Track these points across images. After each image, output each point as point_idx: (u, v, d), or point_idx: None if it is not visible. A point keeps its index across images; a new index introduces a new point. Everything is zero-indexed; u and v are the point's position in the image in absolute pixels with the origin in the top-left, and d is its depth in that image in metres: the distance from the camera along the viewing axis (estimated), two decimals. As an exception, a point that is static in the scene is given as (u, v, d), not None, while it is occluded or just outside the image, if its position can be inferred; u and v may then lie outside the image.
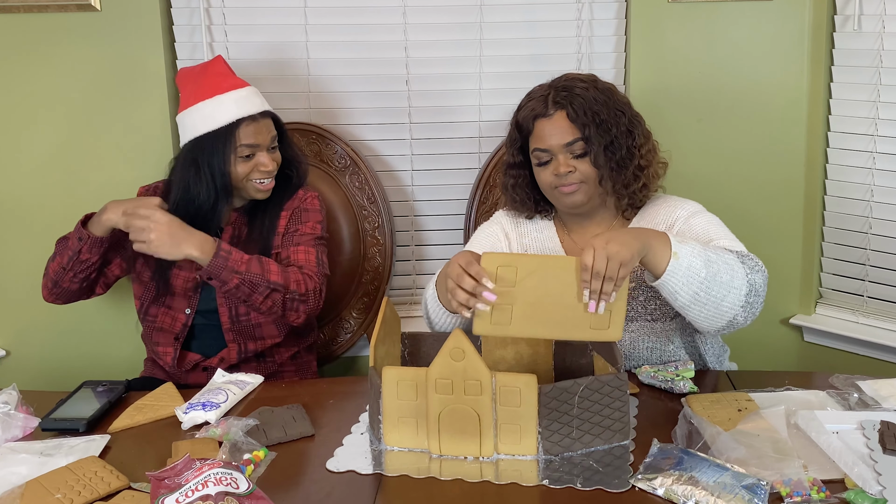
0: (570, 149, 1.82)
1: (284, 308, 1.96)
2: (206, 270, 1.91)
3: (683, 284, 1.59)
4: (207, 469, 1.33)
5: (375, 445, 1.53)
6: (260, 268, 1.93)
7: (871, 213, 2.38)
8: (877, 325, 2.42)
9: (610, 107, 1.83)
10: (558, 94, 1.83)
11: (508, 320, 1.47)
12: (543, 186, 1.89)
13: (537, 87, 1.90)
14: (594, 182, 1.84)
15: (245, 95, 2.06)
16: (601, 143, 1.81)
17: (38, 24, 2.35)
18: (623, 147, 1.83)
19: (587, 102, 1.82)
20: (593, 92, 1.84)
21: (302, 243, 2.07)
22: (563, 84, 1.86)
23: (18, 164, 2.42)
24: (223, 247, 1.92)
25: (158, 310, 2.12)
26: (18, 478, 1.43)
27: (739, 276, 1.63)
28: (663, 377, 1.73)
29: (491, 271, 1.50)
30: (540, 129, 1.85)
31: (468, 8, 2.46)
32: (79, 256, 2.01)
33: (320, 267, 2.06)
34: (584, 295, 1.50)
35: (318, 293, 2.02)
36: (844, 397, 1.64)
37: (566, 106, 1.82)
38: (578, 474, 1.41)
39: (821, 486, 1.32)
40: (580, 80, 1.87)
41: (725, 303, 1.63)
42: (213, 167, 2.01)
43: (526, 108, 1.88)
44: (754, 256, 1.72)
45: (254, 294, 1.93)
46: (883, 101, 2.32)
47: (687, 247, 1.60)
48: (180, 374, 2.10)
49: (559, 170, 1.82)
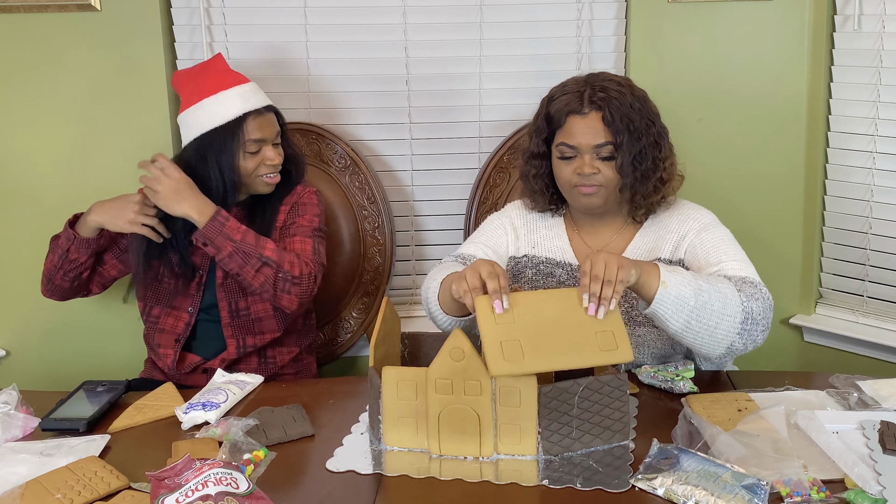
0: (599, 151, 1.80)
1: (275, 287, 1.97)
2: (202, 233, 1.94)
3: (673, 313, 1.60)
4: (207, 469, 1.32)
5: (375, 445, 1.53)
6: (255, 240, 1.96)
7: (871, 213, 2.38)
8: (877, 325, 2.42)
9: (643, 115, 1.81)
10: (595, 94, 1.80)
11: (521, 355, 1.43)
12: (562, 182, 1.86)
13: (571, 81, 1.86)
14: (614, 187, 1.82)
15: (249, 90, 2.07)
16: (631, 151, 1.78)
17: (38, 24, 2.35)
18: (649, 158, 1.81)
19: (623, 108, 1.79)
20: (630, 98, 1.81)
21: (298, 234, 2.08)
22: (600, 84, 1.82)
23: (18, 164, 2.42)
24: (222, 213, 1.96)
25: (161, 310, 2.12)
26: (18, 478, 1.43)
27: (733, 304, 1.63)
28: (663, 377, 1.73)
29: (487, 310, 1.47)
30: (571, 125, 1.81)
31: (468, 8, 2.46)
32: (67, 255, 2.05)
33: (316, 255, 2.07)
34: (584, 299, 1.50)
35: (313, 279, 2.02)
36: (844, 397, 1.64)
37: (603, 108, 1.78)
38: (578, 474, 1.41)
39: (821, 486, 1.32)
40: (617, 82, 1.83)
41: (719, 331, 1.64)
42: (221, 163, 2.02)
43: (560, 100, 1.83)
44: (758, 282, 1.72)
45: (246, 265, 1.94)
46: (883, 101, 2.32)
47: (676, 276, 1.61)
48: (180, 375, 2.10)
49: (583, 169, 1.80)
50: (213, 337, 2.11)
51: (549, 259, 1.93)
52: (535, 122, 1.91)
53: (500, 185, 2.48)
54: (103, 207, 2.01)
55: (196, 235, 1.96)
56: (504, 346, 1.43)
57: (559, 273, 1.92)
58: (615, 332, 1.48)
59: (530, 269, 1.94)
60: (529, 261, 1.95)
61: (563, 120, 1.82)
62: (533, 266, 1.94)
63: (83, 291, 2.18)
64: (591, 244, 1.92)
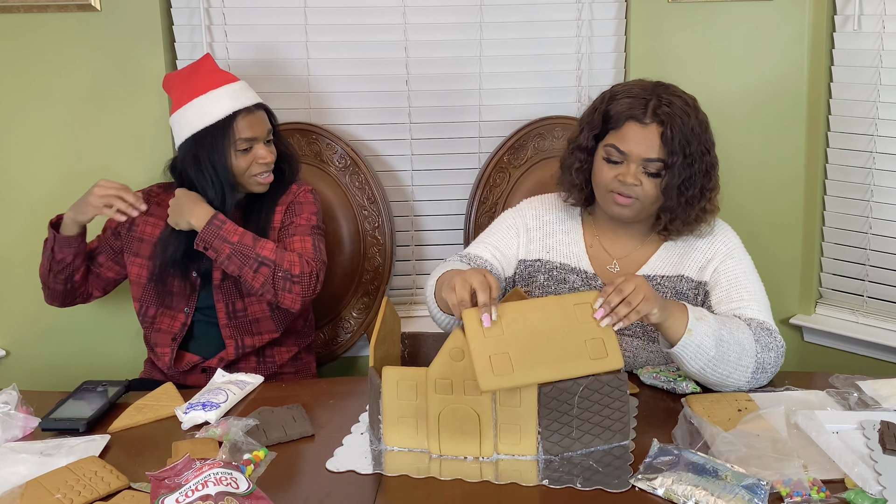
0: (647, 165, 1.75)
1: (275, 286, 1.97)
2: (200, 237, 1.97)
3: (692, 358, 1.62)
4: (207, 469, 1.33)
5: (375, 445, 1.53)
6: (253, 241, 1.97)
7: (871, 213, 2.38)
8: (877, 325, 2.42)
9: (702, 141, 1.77)
10: (661, 107, 1.74)
11: (510, 368, 1.42)
12: (599, 183, 1.81)
13: (638, 85, 1.80)
14: (651, 204, 1.79)
15: (238, 89, 2.07)
16: (681, 175, 1.75)
17: (38, 24, 2.35)
18: (697, 185, 1.77)
19: (685, 129, 1.74)
20: (693, 121, 1.76)
21: (297, 233, 2.08)
22: (668, 97, 1.76)
23: (18, 164, 2.42)
24: (219, 216, 1.98)
25: (157, 311, 2.12)
26: (18, 478, 1.43)
27: (748, 356, 1.66)
28: (665, 377, 1.73)
29: (475, 325, 1.46)
30: (627, 131, 1.76)
31: (468, 8, 2.46)
32: (53, 256, 2.07)
33: (317, 253, 2.07)
34: (598, 302, 1.50)
35: (315, 277, 2.01)
36: (844, 397, 1.64)
37: (665, 124, 1.73)
38: (578, 474, 1.41)
39: (821, 486, 1.32)
40: (685, 101, 1.78)
41: (731, 379, 1.66)
42: (214, 162, 2.02)
43: (622, 102, 1.77)
44: (774, 329, 1.73)
45: (244, 266, 1.95)
46: (883, 101, 2.32)
47: (703, 325, 1.61)
48: (179, 374, 2.10)
49: (626, 178, 1.75)
50: (212, 336, 2.11)
51: (564, 265, 1.90)
52: (590, 114, 1.84)
53: (500, 185, 2.48)
54: (76, 202, 2.03)
55: (196, 240, 1.97)
56: (493, 360, 1.41)
57: (573, 280, 1.89)
58: (605, 339, 1.48)
59: (543, 274, 1.91)
60: (543, 265, 1.91)
61: (620, 122, 1.76)
62: (546, 271, 1.91)
63: (82, 296, 2.18)
64: (612, 251, 1.89)
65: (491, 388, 1.41)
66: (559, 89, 2.53)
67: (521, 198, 2.08)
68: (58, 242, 2.05)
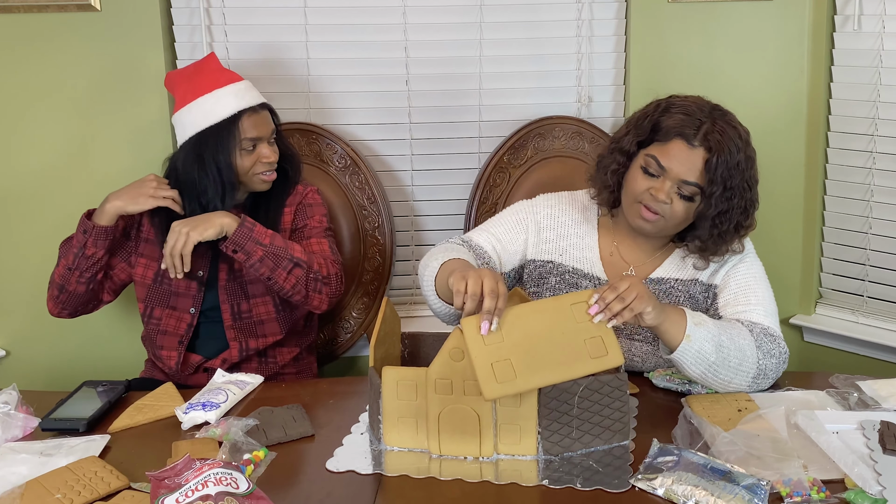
0: (683, 186, 1.71)
1: (307, 287, 1.98)
2: (232, 240, 1.93)
3: (692, 363, 1.62)
4: (207, 469, 1.33)
5: (375, 445, 1.53)
6: (284, 242, 1.97)
7: (871, 213, 2.38)
8: (877, 325, 2.42)
9: (745, 178, 1.73)
10: (713, 133, 1.69)
11: (513, 375, 1.41)
12: (629, 190, 1.77)
13: (696, 104, 1.74)
14: (675, 224, 1.76)
15: (243, 88, 2.07)
16: (718, 206, 1.71)
17: (38, 24, 2.35)
18: (733, 221, 1.74)
19: (731, 162, 1.69)
20: (742, 156, 1.71)
21: (313, 236, 2.10)
22: (722, 124, 1.71)
23: (18, 164, 2.42)
24: (248, 219, 1.97)
25: (163, 312, 2.11)
26: (18, 478, 1.43)
27: (750, 361, 1.65)
28: (679, 380, 1.72)
29: (475, 333, 1.45)
30: (673, 148, 1.71)
31: (468, 8, 2.46)
32: (84, 252, 2.00)
33: (335, 255, 2.09)
34: (593, 298, 1.49)
35: (339, 278, 2.05)
36: (844, 397, 1.64)
37: (713, 152, 1.69)
38: (578, 474, 1.41)
39: (821, 486, 1.32)
40: (738, 132, 1.73)
41: (732, 384, 1.66)
42: (218, 161, 2.01)
43: (675, 117, 1.72)
44: (778, 335, 1.72)
45: (277, 268, 1.95)
46: (883, 100, 2.32)
47: (701, 330, 1.60)
48: (182, 376, 2.10)
49: (658, 193, 1.72)
50: (216, 336, 2.11)
51: (577, 269, 1.87)
52: (640, 119, 1.80)
53: (500, 185, 2.48)
54: (120, 193, 2.01)
55: (226, 243, 1.94)
56: (495, 368, 1.41)
57: (585, 285, 1.87)
58: (604, 337, 1.47)
59: (555, 276, 1.88)
60: (555, 268, 1.88)
61: (668, 137, 1.72)
62: (558, 274, 1.88)
63: (94, 301, 2.14)
64: (627, 258, 1.87)
65: (495, 397, 1.40)
66: (559, 89, 2.53)
67: (521, 197, 2.07)
68: (96, 234, 1.99)
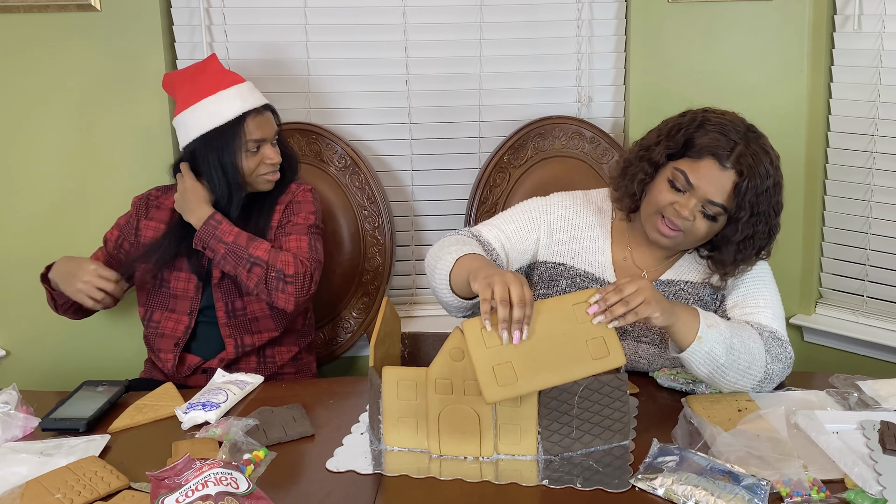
0: (708, 206, 1.69)
1: (268, 287, 1.98)
2: (198, 236, 2.00)
3: (701, 364, 1.61)
4: (207, 469, 1.33)
5: (375, 445, 1.53)
6: (247, 242, 1.99)
7: (871, 213, 2.38)
8: (877, 325, 2.42)
9: (772, 203, 1.72)
10: (746, 156, 1.67)
11: (514, 377, 1.41)
12: (652, 201, 1.75)
13: (731, 123, 1.72)
14: (692, 242, 1.75)
15: (247, 90, 2.08)
16: (743, 231, 1.70)
17: (38, 24, 2.35)
18: (755, 247, 1.73)
19: (759, 190, 1.68)
20: (771, 182, 1.70)
21: (293, 232, 2.08)
22: (755, 147, 1.69)
23: (18, 163, 2.42)
24: (216, 216, 2.01)
25: (162, 314, 2.12)
26: (18, 478, 1.43)
27: (758, 365, 1.65)
28: (684, 379, 1.72)
29: (476, 336, 1.44)
30: (704, 166, 1.69)
31: (468, 8, 2.46)
32: (55, 300, 2.11)
33: (312, 253, 2.06)
34: (594, 297, 1.49)
35: (309, 277, 2.01)
36: (844, 397, 1.64)
37: (744, 176, 1.67)
38: (578, 474, 1.41)
39: (821, 486, 1.32)
40: (770, 157, 1.71)
41: (738, 385, 1.66)
42: (223, 162, 2.03)
43: (710, 135, 1.69)
44: (785, 340, 1.71)
45: (238, 266, 1.98)
46: (883, 100, 2.32)
47: (713, 332, 1.60)
48: (180, 377, 2.10)
49: (682, 210, 1.69)
50: (213, 337, 2.11)
51: (588, 273, 1.85)
52: (672, 131, 1.76)
53: (500, 185, 2.48)
54: (60, 268, 2.02)
55: (195, 239, 2.00)
56: (496, 371, 1.41)
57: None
58: (605, 337, 1.47)
59: (566, 279, 1.86)
60: (566, 270, 1.86)
61: (701, 155, 1.69)
62: (569, 277, 1.86)
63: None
64: (639, 262, 1.85)
65: (496, 400, 1.40)
66: (559, 89, 2.53)
67: (521, 198, 2.07)
68: (56, 294, 2.07)
